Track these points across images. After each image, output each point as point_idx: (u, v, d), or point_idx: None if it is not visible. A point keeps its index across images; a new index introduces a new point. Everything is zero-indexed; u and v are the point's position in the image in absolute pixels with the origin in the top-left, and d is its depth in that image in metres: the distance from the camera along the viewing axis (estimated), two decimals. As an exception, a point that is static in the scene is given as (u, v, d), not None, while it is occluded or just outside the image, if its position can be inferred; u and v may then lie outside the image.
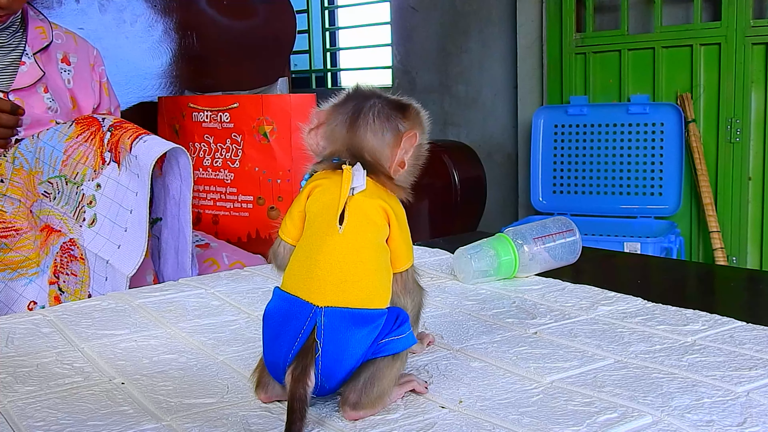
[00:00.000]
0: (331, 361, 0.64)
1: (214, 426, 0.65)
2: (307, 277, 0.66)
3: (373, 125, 0.71)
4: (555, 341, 0.84)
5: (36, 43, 1.48)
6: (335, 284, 0.65)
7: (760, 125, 2.50)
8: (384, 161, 0.72)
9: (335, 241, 0.67)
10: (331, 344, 0.64)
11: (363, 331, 0.65)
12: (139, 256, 1.27)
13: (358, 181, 0.69)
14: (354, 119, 0.72)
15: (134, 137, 1.33)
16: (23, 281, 1.35)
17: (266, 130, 1.76)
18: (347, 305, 0.65)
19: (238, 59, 2.43)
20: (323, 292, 0.65)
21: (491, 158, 3.21)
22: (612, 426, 0.63)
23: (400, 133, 0.72)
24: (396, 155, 0.72)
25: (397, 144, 0.72)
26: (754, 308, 1.01)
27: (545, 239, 1.13)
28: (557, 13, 2.85)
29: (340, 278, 0.66)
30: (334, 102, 0.74)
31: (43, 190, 1.39)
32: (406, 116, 0.73)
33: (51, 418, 0.67)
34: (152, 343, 0.87)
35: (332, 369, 0.65)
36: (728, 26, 2.48)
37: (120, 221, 1.31)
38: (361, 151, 0.71)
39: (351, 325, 0.65)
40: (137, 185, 1.31)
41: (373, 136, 0.71)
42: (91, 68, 1.58)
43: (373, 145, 0.71)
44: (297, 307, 0.65)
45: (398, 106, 0.73)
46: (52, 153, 1.39)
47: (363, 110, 0.72)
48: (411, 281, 0.74)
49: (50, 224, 1.37)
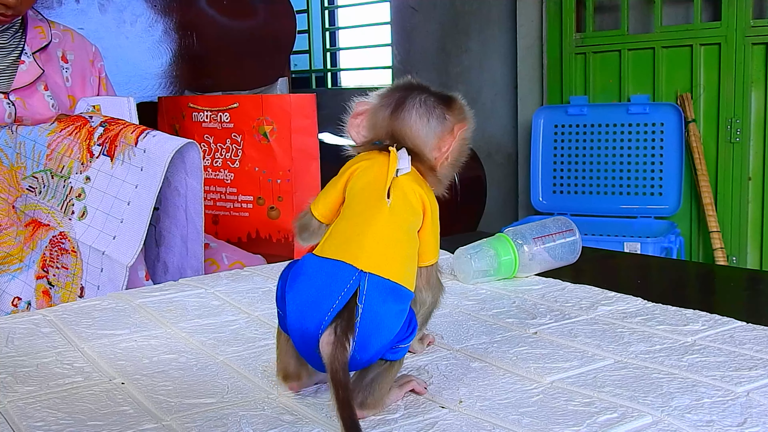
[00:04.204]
0: (369, 329, 0.61)
1: (214, 426, 0.65)
2: (355, 245, 0.64)
3: (419, 111, 0.71)
4: (555, 341, 0.84)
5: (35, 43, 1.48)
6: (381, 254, 0.64)
7: (760, 125, 2.50)
8: (427, 151, 0.71)
9: (383, 215, 0.66)
10: (371, 311, 0.62)
11: (399, 306, 0.64)
12: (137, 245, 1.28)
13: (403, 163, 0.68)
14: (399, 106, 0.71)
15: (139, 132, 1.34)
16: (5, 277, 1.35)
17: (266, 130, 1.76)
18: (389, 277, 0.63)
19: (238, 59, 2.43)
20: (369, 259, 0.63)
21: (491, 158, 3.21)
22: (612, 426, 0.63)
23: (450, 123, 0.71)
24: (444, 146, 0.72)
25: (446, 133, 0.71)
26: (754, 308, 1.01)
27: (545, 239, 1.13)
28: (557, 13, 2.85)
29: (386, 251, 0.64)
30: (380, 93, 0.74)
31: (28, 185, 1.39)
32: (452, 108, 0.73)
33: (51, 418, 0.67)
34: (152, 343, 0.87)
35: (368, 338, 0.62)
36: (728, 26, 2.48)
37: (115, 213, 1.31)
38: (404, 138, 0.71)
39: (390, 296, 0.63)
40: (138, 178, 1.31)
41: (418, 124, 0.71)
42: (91, 64, 1.58)
43: (417, 133, 0.71)
44: (339, 270, 0.63)
45: (444, 98, 0.73)
46: (34, 147, 1.39)
47: (408, 98, 0.72)
48: (435, 277, 0.73)
49: (37, 218, 1.38)
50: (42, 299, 1.32)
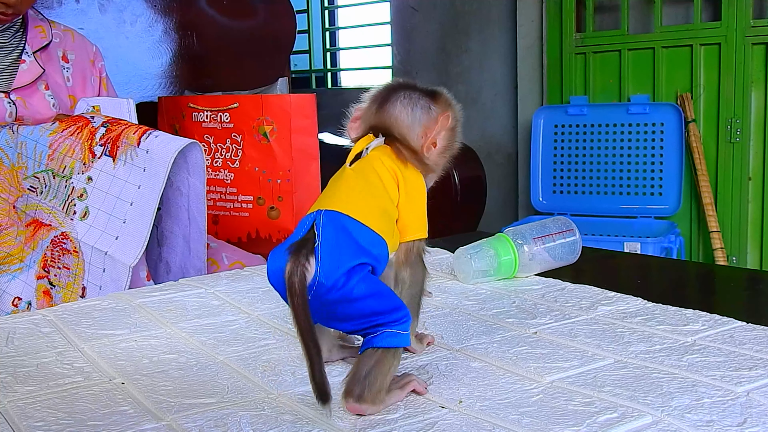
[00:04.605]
0: (327, 251, 0.66)
1: (214, 426, 0.65)
2: (319, 200, 0.72)
3: (403, 102, 0.77)
4: (555, 341, 0.84)
5: (35, 43, 1.48)
6: (340, 199, 0.71)
7: (760, 125, 2.50)
8: (413, 138, 0.76)
9: (346, 174, 0.74)
10: (327, 237, 0.67)
11: (360, 237, 0.68)
12: (140, 246, 1.28)
13: (373, 144, 0.76)
14: (384, 101, 0.77)
15: (141, 132, 1.34)
16: (6, 277, 1.35)
17: (266, 130, 1.76)
18: (346, 213, 0.69)
19: (238, 59, 2.43)
20: (329, 204, 0.70)
21: (491, 158, 3.21)
22: (612, 426, 0.63)
23: (434, 113, 0.77)
24: (430, 133, 0.77)
25: (431, 121, 0.77)
26: (754, 308, 1.01)
27: (545, 239, 1.13)
28: (557, 13, 2.85)
29: (343, 196, 0.71)
30: (369, 93, 0.80)
31: (29, 185, 1.39)
32: (437, 100, 0.78)
33: (51, 418, 0.67)
34: (152, 343, 0.87)
35: (328, 261, 0.66)
36: (728, 26, 2.48)
37: (117, 213, 1.31)
38: (389, 127, 0.76)
39: (348, 226, 0.68)
40: (141, 178, 1.31)
41: (402, 114, 0.76)
42: (91, 63, 1.58)
43: (402, 122, 0.76)
44: (305, 218, 0.70)
45: (429, 92, 0.78)
46: (35, 147, 1.39)
47: (393, 94, 0.77)
48: (414, 254, 0.77)
49: (39, 219, 1.38)
50: (43, 299, 1.32)
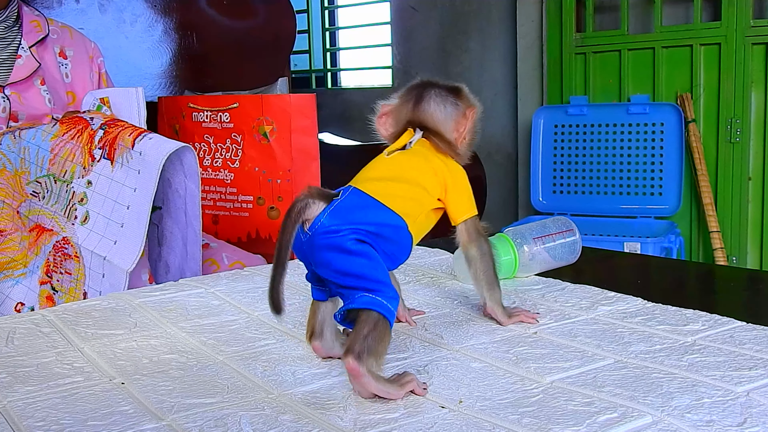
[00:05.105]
0: (342, 208, 0.73)
1: (214, 426, 0.65)
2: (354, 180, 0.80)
3: (435, 101, 0.86)
4: (555, 341, 0.84)
5: (31, 37, 1.47)
6: (370, 181, 0.78)
7: (760, 125, 2.50)
8: (447, 132, 0.85)
9: (381, 162, 0.82)
10: (348, 202, 0.75)
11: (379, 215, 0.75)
12: (137, 250, 1.27)
13: (416, 138, 0.84)
14: (419, 99, 0.86)
15: (136, 134, 1.33)
16: (9, 282, 1.34)
17: (266, 130, 1.76)
18: (373, 195, 0.76)
19: (238, 59, 2.43)
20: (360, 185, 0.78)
21: (491, 158, 3.21)
22: (612, 426, 0.63)
23: (462, 109, 0.86)
24: (461, 127, 0.86)
25: (460, 117, 0.86)
26: (754, 308, 1.01)
27: (545, 239, 1.13)
28: (557, 13, 2.85)
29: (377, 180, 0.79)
30: (399, 94, 0.88)
31: (32, 190, 1.38)
32: (461, 96, 0.87)
33: (51, 418, 0.67)
34: (152, 343, 0.87)
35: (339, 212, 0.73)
36: (728, 26, 2.48)
37: (115, 217, 1.31)
38: (425, 123, 0.85)
39: (369, 202, 0.76)
40: (136, 181, 1.30)
41: (437, 111, 0.86)
42: (90, 60, 1.57)
43: (437, 118, 0.85)
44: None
45: (452, 89, 0.88)
46: (38, 152, 1.38)
47: (425, 92, 0.86)
48: (473, 231, 0.85)
49: (41, 224, 1.37)
50: (45, 305, 1.32)
